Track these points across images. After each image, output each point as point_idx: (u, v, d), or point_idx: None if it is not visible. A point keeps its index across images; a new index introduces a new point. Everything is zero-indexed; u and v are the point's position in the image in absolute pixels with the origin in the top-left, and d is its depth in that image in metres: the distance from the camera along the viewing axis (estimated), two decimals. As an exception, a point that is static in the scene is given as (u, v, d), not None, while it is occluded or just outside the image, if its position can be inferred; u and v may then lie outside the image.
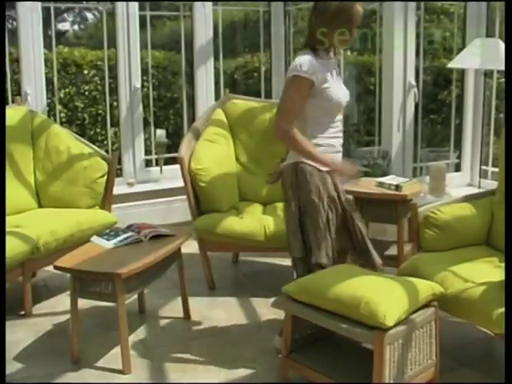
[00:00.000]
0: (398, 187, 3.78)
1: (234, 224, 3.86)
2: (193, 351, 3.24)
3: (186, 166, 4.02)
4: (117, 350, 3.09)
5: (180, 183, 4.13)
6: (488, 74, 4.67)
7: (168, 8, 7.28)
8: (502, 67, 4.35)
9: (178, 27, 5.59)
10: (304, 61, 2.88)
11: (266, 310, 3.70)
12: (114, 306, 2.99)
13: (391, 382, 2.50)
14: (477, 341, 3.34)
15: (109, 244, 3.28)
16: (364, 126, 6.69)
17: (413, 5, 4.60)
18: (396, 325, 2.48)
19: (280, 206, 4.20)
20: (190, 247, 4.16)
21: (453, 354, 3.15)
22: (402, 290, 2.62)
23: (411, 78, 4.63)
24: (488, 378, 2.98)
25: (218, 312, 3.72)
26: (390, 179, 3.95)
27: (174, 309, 3.72)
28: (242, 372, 3.03)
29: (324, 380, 2.68)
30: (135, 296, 3.50)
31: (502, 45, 4.28)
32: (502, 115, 5.30)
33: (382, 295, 2.55)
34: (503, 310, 2.67)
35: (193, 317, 3.63)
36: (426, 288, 2.69)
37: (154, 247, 3.27)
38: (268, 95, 5.90)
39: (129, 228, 3.47)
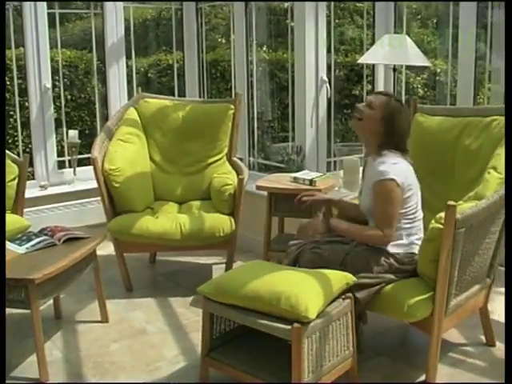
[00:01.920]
0: (311, 182, 3.83)
1: (149, 224, 3.83)
2: (112, 354, 3.20)
3: (100, 166, 3.95)
4: (33, 358, 3.02)
5: (94, 184, 4.06)
6: (397, 69, 4.78)
7: (78, 6, 7.14)
8: (410, 62, 4.48)
9: (90, 25, 5.49)
10: None
11: (185, 309, 3.70)
12: (28, 312, 2.91)
13: (310, 374, 2.53)
14: (392, 329, 3.44)
15: (21, 249, 3.20)
16: (278, 122, 6.76)
17: (323, 2, 4.67)
18: (315, 317, 2.51)
19: (195, 204, 4.21)
20: (106, 249, 4.12)
21: (369, 344, 3.22)
22: (318, 282, 2.66)
23: (323, 74, 4.70)
24: (404, 364, 3.07)
25: (137, 313, 3.69)
26: (303, 174, 4.00)
27: (91, 312, 3.66)
28: (163, 372, 3.02)
29: (244, 377, 2.69)
30: (51, 301, 3.42)
31: (409, 41, 4.39)
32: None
33: (300, 289, 2.58)
34: (414, 300, 2.77)
35: (111, 319, 3.58)
36: (339, 278, 2.74)
37: (68, 250, 3.20)
38: (181, 93, 5.88)
39: (42, 232, 3.39)
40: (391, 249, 2.94)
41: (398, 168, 2.91)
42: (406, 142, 3.05)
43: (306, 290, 2.58)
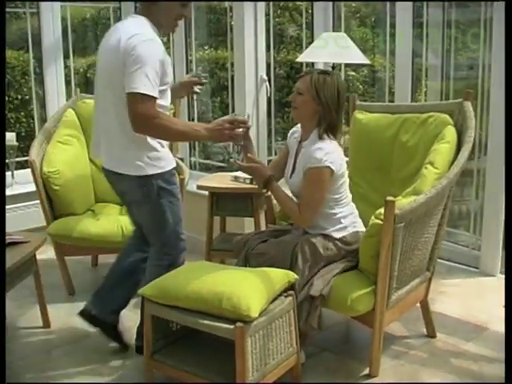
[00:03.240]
0: (252, 181, 3.83)
1: (89, 226, 3.78)
2: (55, 360, 3.16)
3: (38, 169, 3.88)
4: (-29, 368, 2.94)
5: (33, 187, 3.98)
6: (336, 67, 4.83)
7: (13, 4, 6.98)
8: (348, 60, 4.53)
9: (26, 25, 5.38)
10: None
11: (128, 311, 3.63)
12: (-35, 320, 2.84)
13: (254, 372, 2.53)
14: (335, 325, 3.47)
15: (-42, 255, 3.11)
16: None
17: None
18: (258, 316, 2.51)
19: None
20: (47, 253, 4.04)
21: (313, 340, 3.24)
22: (259, 280, 2.67)
23: (263, 73, 4.70)
24: (347, 359, 3.11)
25: (79, 318, 3.62)
26: (244, 173, 3.99)
27: (32, 318, 3.58)
28: (108, 376, 2.99)
29: (189, 377, 2.68)
30: (-11, 308, 3.34)
31: (347, 39, 4.44)
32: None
33: (242, 288, 2.58)
34: (356, 294, 2.81)
35: (53, 324, 3.52)
36: (281, 276, 2.75)
37: (7, 256, 3.11)
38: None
39: (-21, 237, 3.31)
40: (336, 234, 3.00)
41: (334, 157, 2.94)
42: (341, 112, 3.04)
43: (247, 289, 2.58)
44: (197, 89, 3.23)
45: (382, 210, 2.74)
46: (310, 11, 5.21)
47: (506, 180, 2.51)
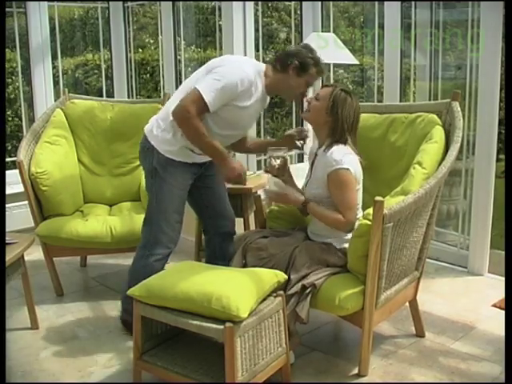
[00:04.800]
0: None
1: (78, 227, 3.76)
2: (43, 362, 3.13)
3: (26, 170, 3.86)
4: (-41, 368, 2.92)
5: (21, 188, 3.95)
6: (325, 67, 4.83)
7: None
8: (337, 60, 4.54)
9: (13, 24, 5.35)
10: None
11: (117, 312, 3.62)
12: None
13: (244, 373, 2.53)
14: (324, 325, 3.47)
15: None
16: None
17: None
18: (247, 316, 2.51)
19: (126, 205, 4.16)
20: (36, 254, 4.02)
21: (303, 340, 3.24)
22: (249, 281, 2.67)
23: (252, 73, 4.70)
24: (337, 358, 3.11)
25: (68, 318, 3.62)
26: (234, 173, 3.99)
27: (20, 319, 3.56)
28: (95, 378, 2.97)
29: (178, 378, 2.67)
30: (-23, 310, 3.32)
31: (336, 39, 4.45)
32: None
33: (231, 288, 2.58)
34: (345, 293, 2.81)
35: (41, 326, 3.49)
36: (270, 277, 2.75)
37: (-7, 257, 3.11)
38: (110, 94, 5.80)
39: (-34, 238, 3.29)
40: (338, 244, 3.05)
41: (350, 159, 3.00)
42: (354, 132, 3.12)
43: (237, 289, 2.58)
44: (299, 143, 3.33)
45: (370, 210, 2.75)
46: (299, 11, 5.22)
47: (506, 180, 2.51)
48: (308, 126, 3.48)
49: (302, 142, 3.33)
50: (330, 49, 4.33)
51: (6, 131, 3.55)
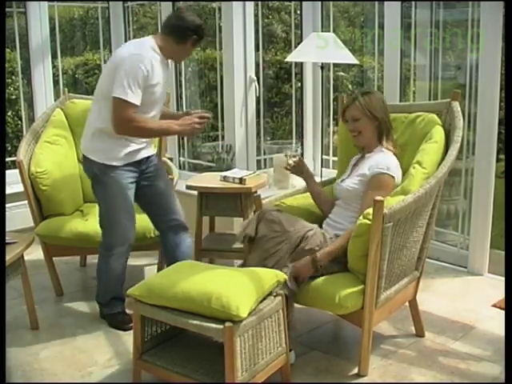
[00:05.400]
0: (241, 180, 3.84)
1: (78, 227, 3.75)
2: (42, 362, 3.12)
3: (26, 169, 3.85)
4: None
5: (21, 188, 3.95)
6: (325, 67, 4.84)
7: (1, 4, 6.95)
8: (337, 60, 4.54)
9: (13, 24, 5.35)
10: None
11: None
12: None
13: (244, 372, 2.53)
14: (324, 324, 3.47)
15: None
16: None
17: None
18: (247, 316, 2.51)
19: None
20: (35, 253, 4.02)
21: (302, 340, 3.25)
22: (248, 280, 2.66)
23: (252, 73, 4.71)
24: (337, 358, 3.11)
25: (67, 318, 3.62)
26: (233, 173, 4.00)
27: (20, 319, 3.55)
28: (95, 377, 2.97)
29: (177, 378, 2.67)
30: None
31: (336, 39, 4.45)
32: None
33: (230, 288, 2.58)
34: (345, 292, 2.81)
35: (41, 326, 3.49)
36: (270, 276, 2.75)
37: (-7, 256, 3.11)
38: (110, 93, 5.79)
39: (-34, 238, 3.29)
40: None
41: (399, 173, 3.09)
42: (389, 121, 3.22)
43: (236, 288, 2.58)
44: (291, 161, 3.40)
45: (370, 210, 2.75)
46: (299, 11, 5.23)
47: (506, 179, 2.51)
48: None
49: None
50: (330, 48, 4.33)
51: (6, 131, 3.56)
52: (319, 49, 4.32)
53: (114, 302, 3.50)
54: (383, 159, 3.08)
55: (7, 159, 5.18)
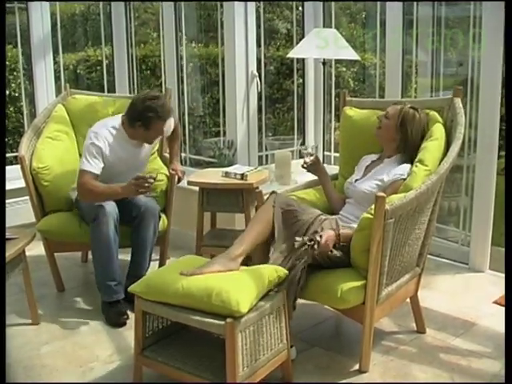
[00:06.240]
0: (243, 176, 3.84)
1: (79, 222, 3.74)
2: (43, 357, 3.13)
3: (27, 165, 3.86)
4: (-41, 364, 2.92)
5: (22, 184, 3.96)
6: (327, 63, 4.83)
7: None
8: (339, 56, 4.53)
9: (14, 20, 5.35)
10: None
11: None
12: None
13: (245, 368, 2.53)
14: (325, 320, 3.48)
15: None
16: (210, 117, 6.72)
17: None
18: (248, 312, 2.51)
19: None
20: (36, 249, 4.01)
21: (303, 336, 3.25)
22: (249, 276, 2.67)
23: (253, 69, 4.70)
24: (338, 354, 3.11)
25: (69, 314, 3.62)
26: (235, 169, 4.00)
27: (21, 315, 3.56)
28: (96, 373, 2.97)
29: (178, 374, 2.67)
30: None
31: (338, 35, 4.44)
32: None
33: (231, 284, 2.58)
34: (347, 286, 2.82)
35: (42, 321, 3.50)
36: (270, 272, 2.74)
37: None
38: (111, 89, 5.79)
39: (-33, 234, 3.30)
40: None
41: None
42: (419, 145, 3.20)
43: (237, 284, 2.58)
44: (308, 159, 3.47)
45: (372, 206, 2.75)
46: (301, 8, 5.22)
47: (506, 178, 2.50)
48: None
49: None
50: (332, 45, 4.32)
51: (6, 128, 3.57)
52: (321, 44, 4.31)
53: (113, 288, 3.50)
54: (406, 168, 3.13)
55: (9, 154, 5.17)
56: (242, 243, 2.93)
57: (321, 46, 4.34)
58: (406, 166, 3.14)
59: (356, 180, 3.31)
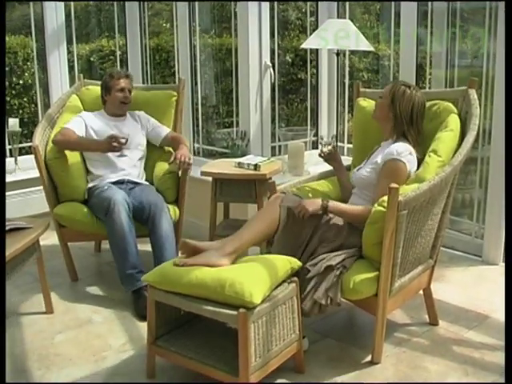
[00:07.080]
0: (256, 167, 3.83)
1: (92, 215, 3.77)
2: (57, 346, 3.15)
3: (42, 154, 3.87)
4: (-26, 351, 2.95)
5: (37, 173, 3.96)
6: (341, 54, 4.81)
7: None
8: (352, 47, 4.51)
9: (29, 11, 5.37)
10: None
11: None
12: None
13: (257, 358, 2.54)
14: (338, 312, 3.46)
15: (-40, 241, 3.11)
16: (223, 107, 6.73)
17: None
18: (260, 303, 2.52)
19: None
20: (51, 239, 4.04)
21: (316, 327, 3.26)
22: (262, 267, 2.67)
23: (267, 59, 4.69)
24: (350, 346, 3.11)
25: (82, 303, 3.64)
26: (248, 159, 3.99)
27: (35, 304, 3.59)
28: (109, 362, 2.99)
29: (191, 364, 2.68)
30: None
31: (352, 26, 4.42)
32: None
33: (244, 275, 2.58)
34: (360, 277, 2.81)
35: (56, 310, 3.52)
36: (284, 263, 2.75)
37: (10, 241, 3.10)
38: (125, 79, 5.79)
39: (-18, 223, 3.32)
40: None
41: (410, 159, 3.04)
42: (416, 126, 3.16)
43: (250, 275, 2.58)
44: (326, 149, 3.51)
45: (385, 198, 2.74)
46: (315, -2, 5.20)
47: (505, 175, 2.49)
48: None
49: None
50: (346, 36, 4.30)
51: (5, 125, 3.62)
52: (335, 35, 4.29)
53: (134, 275, 3.50)
54: (395, 147, 3.06)
55: (23, 145, 5.20)
56: (239, 240, 2.89)
57: (335, 36, 4.32)
58: (398, 145, 3.06)
59: (358, 169, 3.31)
